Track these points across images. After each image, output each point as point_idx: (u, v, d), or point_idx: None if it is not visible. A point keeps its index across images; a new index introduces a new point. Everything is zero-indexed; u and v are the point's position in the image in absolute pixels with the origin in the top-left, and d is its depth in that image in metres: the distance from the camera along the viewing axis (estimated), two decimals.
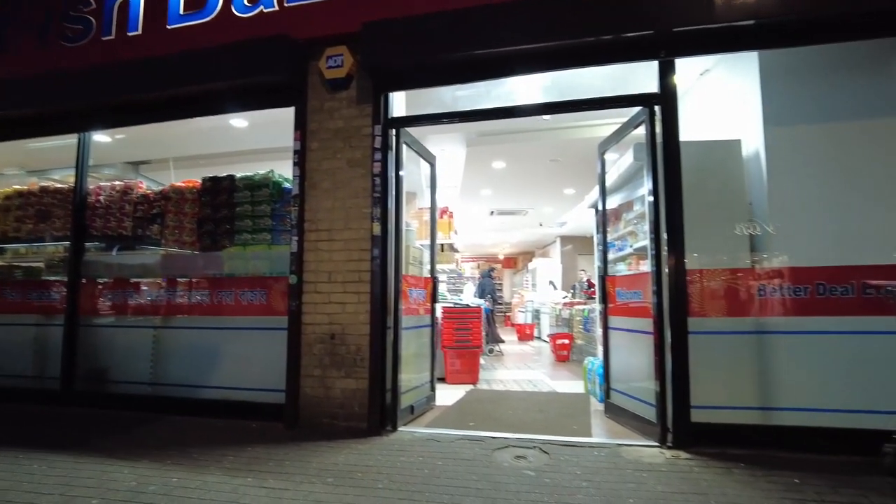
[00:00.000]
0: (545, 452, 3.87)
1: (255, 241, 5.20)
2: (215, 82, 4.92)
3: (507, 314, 21.13)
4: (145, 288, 5.47)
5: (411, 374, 4.95)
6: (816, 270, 3.95)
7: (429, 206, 5.85)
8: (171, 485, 3.31)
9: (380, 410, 4.47)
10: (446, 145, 8.24)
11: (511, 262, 26.06)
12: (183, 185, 5.62)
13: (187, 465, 3.68)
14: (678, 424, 3.92)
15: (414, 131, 5.22)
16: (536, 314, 14.79)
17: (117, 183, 5.91)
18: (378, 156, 4.67)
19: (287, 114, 4.98)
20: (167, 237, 5.53)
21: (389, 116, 4.81)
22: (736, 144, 4.44)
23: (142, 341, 5.35)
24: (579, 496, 3.09)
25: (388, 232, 4.66)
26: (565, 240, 18.75)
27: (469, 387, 6.74)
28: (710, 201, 4.26)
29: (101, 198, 5.81)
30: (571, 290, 12.32)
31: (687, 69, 5.06)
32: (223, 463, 3.71)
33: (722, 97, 5.05)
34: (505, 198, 12.38)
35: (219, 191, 5.39)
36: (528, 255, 24.44)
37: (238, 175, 5.39)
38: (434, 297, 5.50)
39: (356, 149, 4.73)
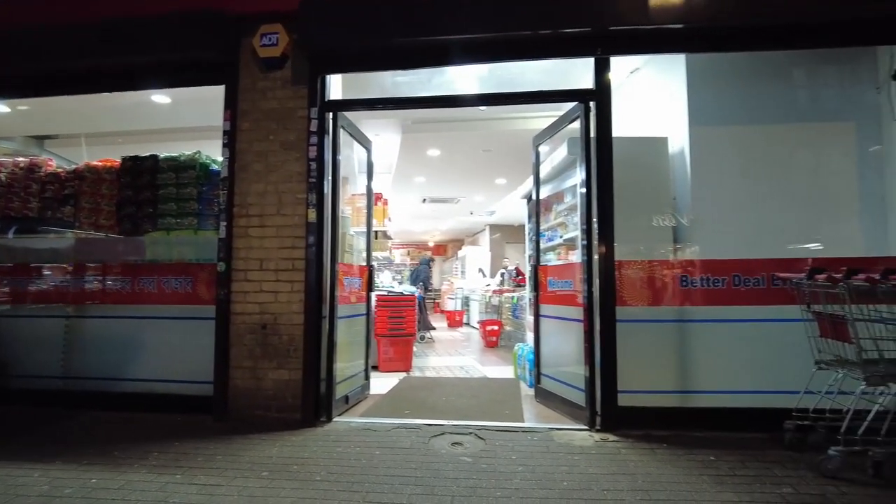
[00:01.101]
0: (481, 438, 3.95)
1: (179, 225, 4.93)
2: (140, 56, 4.59)
3: (437, 301, 21.28)
4: (55, 273, 5.06)
5: (346, 363, 4.89)
6: (733, 263, 4.23)
7: (361, 192, 5.77)
8: (89, 486, 3.11)
9: (314, 401, 4.39)
10: (381, 131, 8.13)
11: (441, 249, 26.21)
12: (100, 164, 5.22)
13: (107, 463, 3.47)
14: (606, 408, 4.11)
15: (348, 115, 5.11)
16: (466, 301, 14.99)
17: (21, 159, 5.41)
18: (314, 139, 4.53)
19: (215, 91, 4.73)
20: (82, 220, 5.13)
21: (327, 99, 4.68)
22: (663, 141, 4.67)
23: (51, 332, 4.95)
24: (516, 480, 3.18)
25: (324, 218, 4.54)
26: (494, 228, 19.07)
27: (402, 374, 6.75)
28: (637, 195, 4.46)
29: (1, 175, 5.30)
30: (500, 278, 12.56)
31: (617, 67, 5.23)
32: (148, 460, 3.52)
33: (650, 95, 5.27)
34: (438, 186, 12.40)
35: (141, 171, 5.05)
36: (458, 242, 24.66)
37: (162, 155, 5.07)
38: (370, 286, 5.45)
39: (290, 131, 4.57)
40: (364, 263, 5.53)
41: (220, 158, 4.65)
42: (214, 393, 4.44)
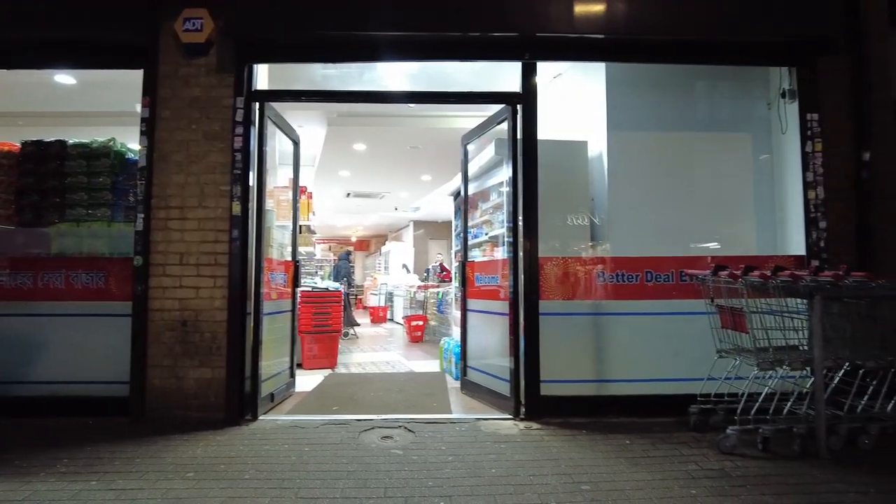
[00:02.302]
0: (410, 431, 4.02)
1: (91, 217, 4.63)
2: (47, 31, 4.26)
3: (359, 297, 21.10)
4: None
5: (271, 361, 4.79)
6: (645, 260, 4.55)
7: (282, 185, 5.66)
8: None
9: (238, 399, 4.28)
10: (305, 122, 7.96)
11: (364, 244, 25.99)
12: None
13: (8, 474, 3.21)
14: (530, 398, 4.30)
15: (275, 106, 5.00)
16: (390, 297, 14.99)
17: None
18: (240, 130, 4.40)
19: (132, 76, 4.49)
20: None
21: (253, 89, 4.55)
22: (583, 145, 4.93)
23: None
24: (447, 470, 3.28)
25: (249, 212, 4.42)
26: (418, 224, 19.17)
27: (327, 371, 6.69)
28: (559, 195, 4.70)
29: None
30: (425, 274, 12.66)
31: (541, 72, 5.44)
32: (56, 467, 3.30)
33: (572, 101, 5.53)
34: (363, 180, 12.30)
35: (45, 157, 4.68)
36: (382, 238, 24.57)
37: (70, 141, 4.73)
38: (296, 282, 5.36)
39: (214, 121, 4.41)
40: (289, 258, 5.43)
41: (137, 147, 4.40)
42: (131, 393, 4.22)
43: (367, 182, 12.44)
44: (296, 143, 5.57)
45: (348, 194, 13.82)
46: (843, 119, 4.60)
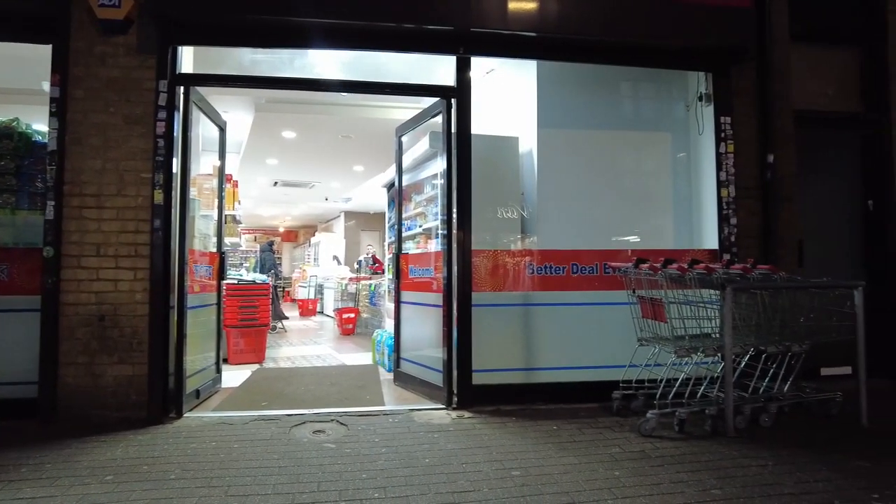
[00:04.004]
0: (343, 424, 3.99)
1: None
2: None
3: (287, 290, 20.58)
4: None
5: (197, 356, 4.61)
6: (572, 252, 4.73)
7: (205, 172, 5.45)
8: None
9: (162, 397, 4.09)
10: (231, 108, 7.67)
11: (292, 235, 25.34)
12: None
13: None
14: (462, 387, 4.38)
15: (200, 90, 4.79)
16: (320, 289, 14.72)
17: None
18: (163, 114, 4.18)
19: (37, 51, 4.16)
20: None
21: (178, 72, 4.33)
22: (514, 140, 5.04)
23: None
24: (380, 462, 3.29)
25: (172, 200, 4.22)
26: (350, 215, 18.91)
27: (255, 366, 6.50)
28: (491, 189, 4.80)
29: None
30: (356, 265, 12.53)
31: (475, 67, 5.49)
32: None
33: (504, 96, 5.64)
34: (291, 169, 11.97)
35: None
36: (311, 228, 24.04)
37: None
38: (221, 274, 5.17)
39: (135, 104, 4.17)
40: (214, 250, 5.23)
41: (46, 129, 4.09)
42: (40, 394, 3.94)
43: (296, 171, 12.13)
44: (222, 130, 5.36)
45: (276, 183, 13.43)
46: (751, 123, 4.96)
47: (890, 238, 5.26)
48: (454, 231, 4.48)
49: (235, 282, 7.17)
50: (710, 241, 4.89)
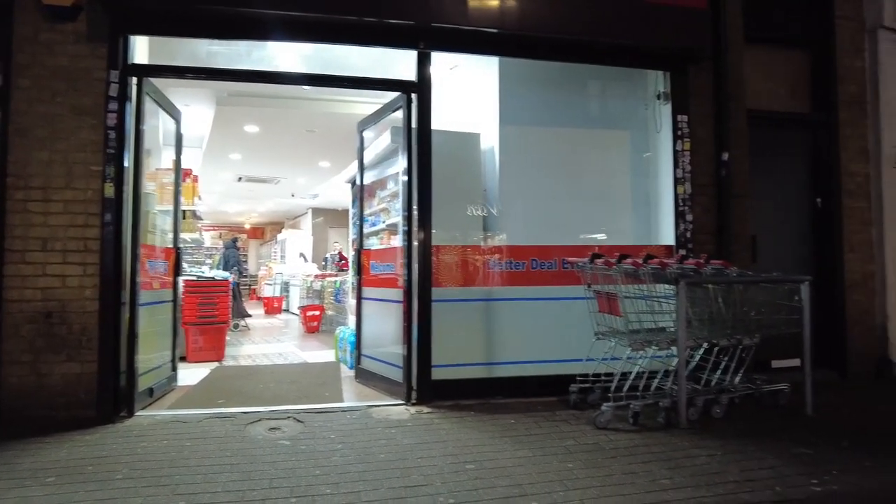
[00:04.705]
0: (300, 421, 3.95)
1: None
2: None
3: (253, 287, 20.26)
4: None
5: (151, 354, 4.50)
6: (532, 248, 4.77)
7: (165, 167, 5.32)
8: None
9: (113, 395, 3.98)
10: (191, 101, 7.50)
11: (258, 232, 24.95)
12: None
13: None
14: (421, 383, 4.38)
15: (155, 82, 4.67)
16: (286, 287, 14.53)
17: None
18: (114, 106, 4.06)
19: None
20: None
21: (130, 62, 4.21)
22: (476, 137, 5.05)
23: None
24: (335, 458, 3.27)
25: (123, 194, 4.10)
26: (317, 212, 18.70)
27: (214, 364, 6.38)
28: (453, 185, 4.79)
29: None
30: (323, 262, 12.41)
31: (439, 62, 5.48)
32: None
33: (468, 93, 5.64)
34: (256, 164, 11.76)
35: None
36: (278, 225, 23.70)
37: None
38: (177, 270, 5.05)
39: (85, 94, 4.04)
40: (170, 245, 5.10)
41: None
42: None
43: (260, 166, 11.92)
44: (178, 123, 5.22)
45: (240, 178, 13.18)
46: (707, 122, 5.08)
47: (837, 235, 5.44)
48: (414, 227, 4.47)
49: (195, 279, 7.02)
50: (667, 237, 4.99)
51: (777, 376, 4.60)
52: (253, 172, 12.67)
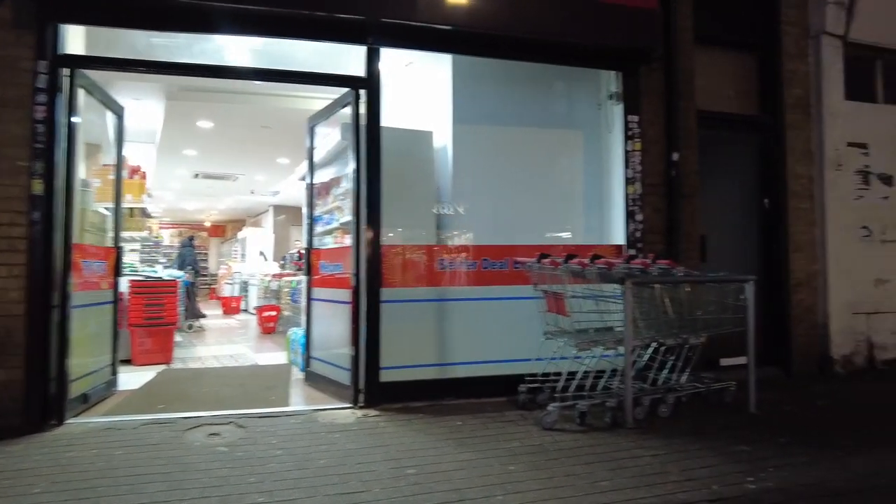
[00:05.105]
0: (241, 427, 3.82)
1: None
2: None
3: (213, 287, 19.79)
4: None
5: (86, 358, 4.30)
6: (484, 248, 4.74)
7: (113, 163, 5.11)
8: None
9: (41, 402, 3.78)
10: (141, 95, 7.25)
11: (219, 230, 24.39)
12: None
13: None
14: (370, 385, 4.29)
15: (98, 75, 4.47)
16: (245, 286, 14.22)
17: None
18: (42, 98, 3.85)
19: None
20: None
21: (61, 52, 4.00)
22: (428, 135, 4.99)
23: None
24: (272, 464, 3.16)
25: (54, 191, 3.90)
26: (279, 209, 18.37)
27: (162, 367, 6.17)
28: (405, 184, 4.72)
29: None
30: (282, 262, 12.17)
31: (395, 59, 5.38)
32: None
33: (423, 90, 5.57)
34: (212, 160, 11.47)
35: None
36: (239, 223, 23.21)
37: None
38: (118, 270, 4.85)
39: (9, 86, 3.82)
40: (110, 244, 4.89)
41: None
42: None
43: (216, 162, 11.63)
44: (120, 117, 5.01)
45: (197, 175, 12.84)
46: (658, 122, 5.12)
47: (783, 235, 5.56)
48: (363, 226, 4.37)
49: (141, 278, 6.78)
50: (618, 236, 5.01)
51: (725, 374, 4.67)
52: (209, 169, 12.36)
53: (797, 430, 3.80)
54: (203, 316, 10.73)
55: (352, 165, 4.47)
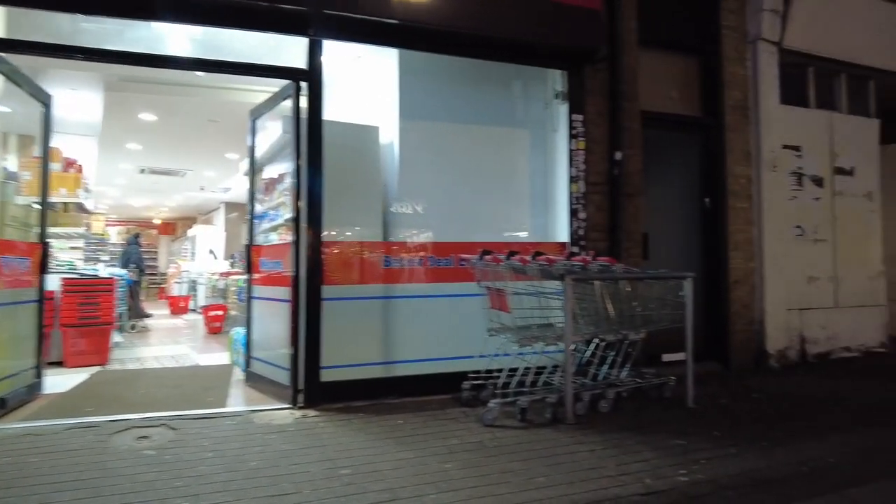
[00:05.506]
0: (173, 429, 3.67)
1: None
2: None
3: (162, 286, 19.11)
4: None
5: (4, 361, 4.05)
6: (430, 245, 4.70)
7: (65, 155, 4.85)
8: None
9: None
10: (78, 85, 6.91)
11: (169, 228, 23.62)
12: None
13: None
14: (309, 385, 4.18)
15: (25, 63, 4.22)
16: (193, 286, 13.78)
17: None
18: None
19: None
20: None
21: None
22: (374, 130, 4.90)
23: None
24: (202, 467, 3.04)
25: None
26: (231, 206, 17.88)
27: (97, 368, 5.89)
28: (349, 179, 4.63)
29: None
30: (232, 260, 11.85)
31: (343, 52, 5.26)
32: None
33: (369, 85, 5.49)
34: (158, 155, 11.08)
35: None
36: (190, 220, 22.51)
37: None
38: (43, 267, 4.59)
39: None
40: (35, 240, 4.63)
41: None
42: None
43: (162, 157, 11.25)
44: (47, 107, 4.74)
45: (142, 170, 12.38)
46: (602, 122, 5.18)
47: (722, 233, 5.72)
48: (303, 222, 4.27)
49: (76, 276, 6.47)
50: (563, 234, 5.05)
51: (667, 370, 4.75)
52: (155, 164, 11.95)
53: (730, 423, 3.91)
54: (147, 316, 10.35)
55: (292, 160, 4.36)
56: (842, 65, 6.49)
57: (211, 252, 14.22)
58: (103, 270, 7.64)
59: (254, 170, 5.41)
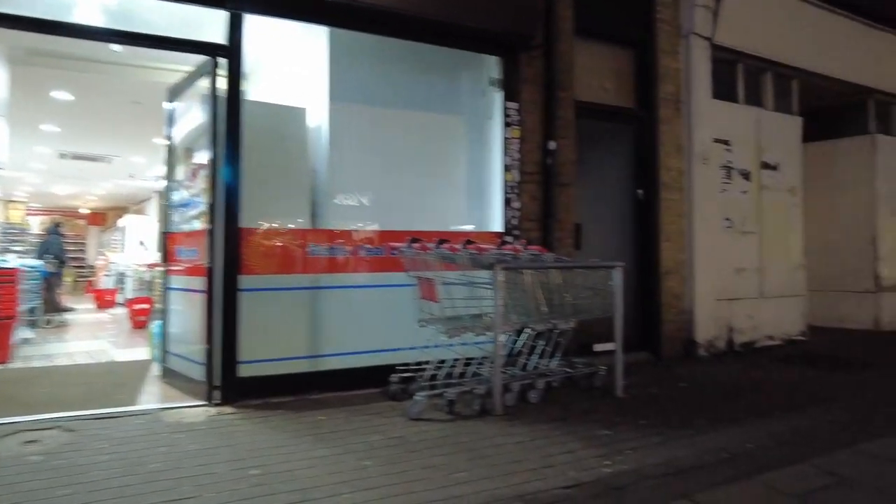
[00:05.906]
0: (70, 430, 3.38)
1: None
2: None
3: (91, 279, 18.05)
4: None
5: None
6: (360, 233, 4.53)
7: None
8: None
9: None
10: None
11: (99, 218, 22.38)
12: None
13: None
14: (226, 381, 3.93)
15: None
16: (121, 278, 13.04)
17: None
18: None
19: None
20: None
21: None
22: (301, 112, 4.66)
23: None
24: (95, 472, 2.78)
25: None
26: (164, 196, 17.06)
27: None
28: (273, 163, 4.38)
29: None
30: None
31: (270, 29, 4.97)
32: None
33: (298, 64, 5.23)
34: (78, 139, 10.39)
35: None
36: (122, 210, 21.40)
37: None
38: None
39: None
40: None
41: None
42: None
43: (84, 141, 10.55)
44: None
45: (63, 155, 11.58)
46: (537, 111, 5.13)
47: (654, 225, 5.79)
48: (219, 207, 4.01)
49: None
50: (497, 223, 4.98)
51: (598, 359, 4.75)
52: (77, 148, 11.19)
53: (657, 412, 3.92)
54: (66, 310, 9.72)
55: (209, 140, 4.08)
56: (769, 63, 6.68)
57: (141, 243, 13.50)
58: (13, 261, 7.07)
59: (172, 154, 5.06)
